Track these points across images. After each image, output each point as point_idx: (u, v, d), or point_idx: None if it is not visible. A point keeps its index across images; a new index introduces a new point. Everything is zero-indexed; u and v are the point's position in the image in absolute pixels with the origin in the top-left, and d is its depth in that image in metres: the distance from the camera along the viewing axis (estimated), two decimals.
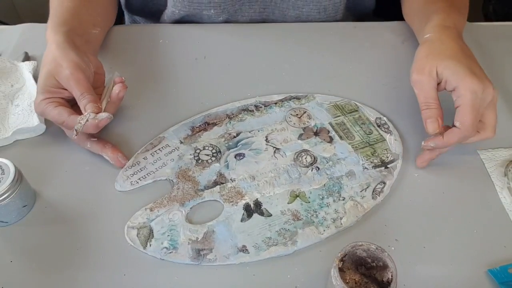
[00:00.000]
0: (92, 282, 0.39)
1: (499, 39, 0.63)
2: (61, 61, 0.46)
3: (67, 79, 0.45)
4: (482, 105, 0.43)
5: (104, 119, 0.44)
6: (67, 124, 0.45)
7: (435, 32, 0.49)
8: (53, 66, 0.46)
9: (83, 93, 0.45)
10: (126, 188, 0.46)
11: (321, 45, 0.62)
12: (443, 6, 0.53)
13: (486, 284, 0.39)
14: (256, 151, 0.49)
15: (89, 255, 0.41)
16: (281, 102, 0.54)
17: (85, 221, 0.43)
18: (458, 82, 0.43)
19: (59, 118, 0.45)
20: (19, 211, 0.43)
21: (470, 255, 0.41)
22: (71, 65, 0.46)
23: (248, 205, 0.44)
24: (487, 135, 0.45)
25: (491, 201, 0.45)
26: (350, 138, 0.50)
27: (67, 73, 0.45)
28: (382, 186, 0.46)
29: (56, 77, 0.46)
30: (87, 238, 0.42)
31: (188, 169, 0.47)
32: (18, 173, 0.42)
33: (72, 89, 0.45)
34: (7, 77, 0.55)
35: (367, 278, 0.36)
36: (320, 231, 0.42)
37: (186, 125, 0.51)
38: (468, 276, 0.40)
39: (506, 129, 0.51)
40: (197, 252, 0.41)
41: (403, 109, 0.53)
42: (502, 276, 0.39)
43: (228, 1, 0.61)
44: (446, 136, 0.44)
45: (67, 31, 0.50)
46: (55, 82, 0.46)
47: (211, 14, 0.62)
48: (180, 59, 0.60)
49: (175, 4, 0.62)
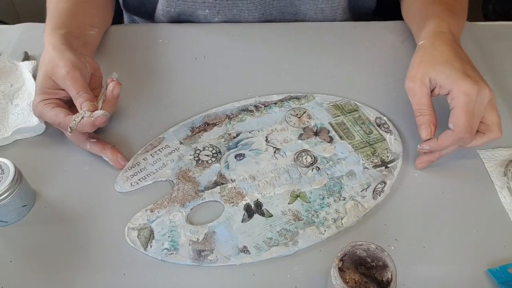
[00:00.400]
0: (91, 282, 0.39)
1: (499, 39, 0.63)
2: (57, 61, 0.46)
3: (64, 78, 0.45)
4: (479, 107, 0.43)
5: (100, 117, 0.44)
6: (64, 125, 0.44)
7: (429, 38, 0.50)
8: (50, 67, 0.46)
9: (79, 91, 0.45)
10: (126, 189, 0.45)
11: (321, 44, 0.62)
12: (439, 10, 0.53)
13: (486, 284, 0.39)
14: (256, 152, 0.49)
15: (89, 255, 0.41)
16: (280, 102, 0.54)
17: (85, 221, 0.43)
18: (451, 85, 0.44)
19: (55, 119, 0.44)
20: (18, 211, 0.43)
21: (469, 254, 0.41)
22: (68, 64, 0.46)
23: (249, 206, 0.44)
24: (494, 135, 0.45)
25: (491, 200, 0.45)
26: (350, 138, 0.50)
27: (64, 72, 0.45)
28: (382, 185, 0.46)
29: (53, 77, 0.46)
30: (87, 238, 0.42)
31: (188, 170, 0.47)
32: (18, 172, 0.42)
33: (68, 88, 0.45)
34: (7, 76, 0.55)
35: (367, 277, 0.36)
36: (321, 231, 0.42)
37: (185, 125, 0.51)
38: (468, 275, 0.40)
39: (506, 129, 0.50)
40: (198, 253, 0.41)
41: (403, 109, 0.53)
42: (502, 275, 0.39)
43: (224, 3, 0.61)
44: (440, 139, 0.44)
45: (64, 33, 0.50)
46: (51, 82, 0.46)
47: (206, 14, 0.62)
48: (180, 59, 0.60)
49: (170, 4, 0.61)
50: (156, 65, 0.59)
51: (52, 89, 0.46)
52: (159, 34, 0.63)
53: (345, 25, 0.64)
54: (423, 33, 0.51)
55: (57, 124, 0.45)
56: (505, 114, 0.53)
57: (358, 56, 0.60)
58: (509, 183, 0.45)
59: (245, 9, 0.62)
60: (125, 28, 0.66)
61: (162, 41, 0.62)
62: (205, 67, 0.59)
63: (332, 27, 0.64)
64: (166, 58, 0.60)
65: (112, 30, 0.63)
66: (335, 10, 0.63)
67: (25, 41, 0.61)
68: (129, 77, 0.55)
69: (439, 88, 0.45)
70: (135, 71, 0.58)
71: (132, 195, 0.45)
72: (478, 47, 0.61)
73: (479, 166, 0.48)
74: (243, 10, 0.62)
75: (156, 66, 0.59)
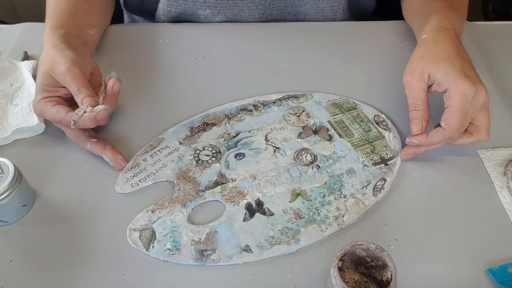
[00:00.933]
0: (91, 282, 0.39)
1: (499, 39, 0.63)
2: (57, 59, 0.46)
3: (64, 75, 0.45)
4: (473, 108, 0.43)
5: (102, 112, 0.43)
6: (65, 122, 0.44)
7: (431, 33, 0.49)
8: (50, 65, 0.46)
9: (79, 88, 0.44)
10: (127, 190, 0.45)
11: (321, 44, 0.61)
12: (441, 6, 0.53)
13: (486, 283, 0.39)
14: (256, 151, 0.49)
15: (89, 255, 0.40)
16: (279, 101, 0.54)
17: (85, 221, 0.43)
18: (449, 84, 0.43)
19: (56, 116, 0.44)
20: (18, 211, 0.42)
21: (469, 254, 0.41)
22: (68, 61, 0.45)
23: (250, 205, 0.44)
24: (481, 138, 0.45)
25: (490, 200, 0.45)
26: (349, 136, 0.50)
27: (64, 69, 0.45)
28: (382, 183, 0.45)
29: (53, 74, 0.45)
30: (87, 238, 0.42)
31: (189, 170, 0.47)
32: (18, 172, 0.41)
33: (69, 85, 0.45)
34: (7, 76, 0.55)
35: (366, 277, 0.36)
36: (323, 229, 0.42)
37: (185, 125, 0.51)
38: (468, 275, 0.39)
39: (506, 128, 0.51)
40: (201, 253, 0.40)
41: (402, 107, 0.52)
42: (502, 275, 0.39)
43: (225, 3, 0.61)
44: (430, 135, 0.45)
45: (63, 33, 0.50)
46: (52, 80, 0.46)
47: (207, 13, 0.62)
48: (179, 59, 0.59)
49: (171, 3, 0.61)
50: (155, 64, 0.59)
51: (53, 87, 0.46)
52: (159, 34, 0.63)
53: (345, 25, 0.64)
54: (426, 28, 0.51)
55: (58, 121, 0.45)
56: (505, 114, 0.52)
57: (358, 55, 0.60)
58: (508, 182, 0.45)
59: (245, 9, 0.62)
60: (125, 28, 0.66)
61: (162, 40, 0.62)
62: (204, 67, 0.58)
63: (332, 26, 0.64)
64: (166, 58, 0.59)
65: (112, 29, 0.63)
66: (336, 10, 0.63)
67: (24, 41, 0.61)
68: (128, 77, 0.55)
69: (437, 85, 0.45)
70: (134, 70, 0.58)
71: (132, 196, 0.45)
72: (477, 47, 0.60)
73: (478, 165, 0.48)
74: (244, 10, 0.62)
75: (156, 66, 0.58)
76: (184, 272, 0.40)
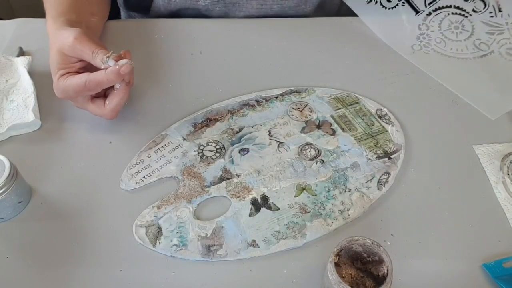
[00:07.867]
0: (88, 278, 0.36)
1: None
2: (64, 35, 0.42)
3: (73, 45, 0.41)
4: None
5: (125, 66, 0.40)
6: (91, 81, 0.40)
7: None
8: (58, 43, 0.43)
9: (94, 50, 0.41)
10: (132, 187, 0.42)
11: (320, 38, 0.59)
12: None
13: (481, 279, 0.37)
14: (260, 146, 0.46)
15: (85, 251, 0.38)
16: (281, 96, 0.51)
17: (84, 217, 0.40)
18: None
19: (80, 82, 0.41)
20: (14, 207, 0.40)
21: (465, 249, 0.39)
22: (73, 32, 0.42)
23: (256, 200, 0.41)
24: None
25: (486, 196, 0.43)
26: (353, 130, 0.48)
27: (71, 40, 0.41)
28: (387, 176, 0.43)
29: (64, 50, 0.42)
30: (83, 235, 0.39)
31: (193, 166, 0.44)
32: (14, 169, 0.39)
33: (82, 53, 0.42)
34: (2, 72, 0.51)
35: (363, 272, 0.35)
36: (328, 223, 0.40)
37: (188, 121, 0.48)
38: (463, 270, 0.38)
39: (501, 124, 0.49)
40: (207, 248, 0.38)
41: (403, 101, 0.51)
42: (497, 270, 0.37)
43: None
44: None
45: (65, 20, 0.46)
46: (64, 57, 0.42)
47: (207, 3, 0.59)
48: (176, 55, 0.56)
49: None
50: (152, 60, 0.55)
51: (67, 64, 0.43)
52: (155, 29, 0.59)
53: (343, 19, 0.62)
54: None
55: (83, 84, 0.41)
56: None
57: (356, 50, 0.57)
58: (504, 177, 0.44)
59: None
60: (121, 24, 0.61)
61: (158, 36, 0.58)
62: (201, 63, 0.55)
63: (330, 21, 0.61)
64: (163, 54, 0.56)
65: (108, 25, 0.59)
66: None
67: (20, 36, 0.57)
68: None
69: None
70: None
71: (137, 192, 0.42)
72: None
73: (474, 161, 0.46)
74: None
75: (153, 62, 0.55)
76: (194, 268, 0.37)
